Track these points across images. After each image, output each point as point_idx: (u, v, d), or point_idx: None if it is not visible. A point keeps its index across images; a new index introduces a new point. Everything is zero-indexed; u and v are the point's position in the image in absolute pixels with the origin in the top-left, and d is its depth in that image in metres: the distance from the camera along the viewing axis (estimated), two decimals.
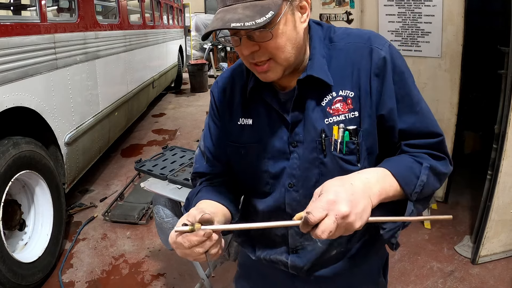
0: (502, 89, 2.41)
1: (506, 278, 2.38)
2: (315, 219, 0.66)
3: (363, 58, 0.85)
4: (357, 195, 0.70)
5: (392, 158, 0.86)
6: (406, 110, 0.86)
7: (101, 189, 3.83)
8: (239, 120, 0.95)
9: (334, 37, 0.89)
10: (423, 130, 0.87)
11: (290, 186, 0.91)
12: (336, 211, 0.66)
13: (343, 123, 0.85)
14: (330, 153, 0.86)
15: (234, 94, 0.97)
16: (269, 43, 0.78)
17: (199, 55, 12.59)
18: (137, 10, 5.82)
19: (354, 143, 0.85)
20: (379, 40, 0.87)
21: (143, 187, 1.84)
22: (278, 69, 0.82)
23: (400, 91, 0.85)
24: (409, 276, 2.43)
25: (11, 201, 2.40)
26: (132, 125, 5.53)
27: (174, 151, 2.24)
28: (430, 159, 0.86)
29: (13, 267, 2.16)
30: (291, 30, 0.80)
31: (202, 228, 0.72)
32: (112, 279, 2.55)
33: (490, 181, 2.47)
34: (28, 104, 2.45)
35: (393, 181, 0.79)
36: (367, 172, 0.79)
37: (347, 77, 0.86)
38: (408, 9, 3.03)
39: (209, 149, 1.02)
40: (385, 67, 0.84)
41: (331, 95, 0.86)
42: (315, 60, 0.86)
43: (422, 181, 0.81)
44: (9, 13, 3.71)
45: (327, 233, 0.66)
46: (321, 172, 0.88)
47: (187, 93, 8.93)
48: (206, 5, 16.35)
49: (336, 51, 0.88)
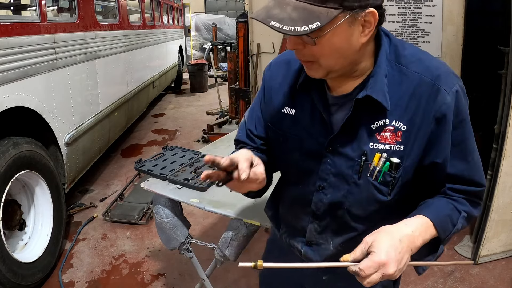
0: (502, 89, 2.41)
1: (506, 278, 2.38)
2: (365, 276, 0.74)
3: (427, 97, 0.81)
4: (403, 253, 0.76)
5: (434, 203, 0.88)
6: (459, 156, 0.86)
7: (101, 189, 3.83)
8: (283, 108, 0.96)
9: (402, 59, 0.84)
10: (470, 179, 0.88)
11: (320, 188, 0.94)
12: (384, 271, 0.74)
13: (387, 153, 0.84)
14: (365, 177, 0.87)
15: (285, 80, 0.96)
16: (313, 48, 0.76)
17: (199, 55, 12.60)
18: (137, 10, 5.82)
19: (391, 176, 0.86)
20: (449, 81, 0.82)
21: (143, 187, 1.84)
22: (320, 71, 0.81)
23: (457, 137, 0.85)
24: (409, 276, 2.43)
25: (11, 201, 2.40)
26: (132, 125, 5.53)
27: (174, 151, 2.23)
28: (468, 205, 0.89)
29: (13, 267, 2.16)
30: (342, 42, 0.76)
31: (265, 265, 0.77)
32: (112, 279, 2.55)
33: (490, 181, 2.47)
34: (28, 104, 2.45)
35: (433, 231, 0.84)
36: (413, 224, 0.82)
37: (405, 108, 0.83)
38: (408, 9, 3.04)
39: (250, 128, 1.05)
40: (448, 112, 0.82)
41: (383, 121, 0.84)
42: (377, 80, 0.82)
43: (457, 228, 0.87)
44: (9, 13, 3.71)
45: (371, 284, 0.75)
46: (351, 190, 0.90)
47: (187, 93, 8.93)
48: (206, 5, 16.36)
49: (400, 75, 0.83)
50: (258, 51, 4.40)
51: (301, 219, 1.01)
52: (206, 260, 2.06)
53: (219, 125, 5.78)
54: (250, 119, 1.06)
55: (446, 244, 0.92)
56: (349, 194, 0.91)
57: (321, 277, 1.08)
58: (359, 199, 0.90)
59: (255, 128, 1.05)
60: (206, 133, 5.43)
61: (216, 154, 2.37)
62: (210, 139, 5.03)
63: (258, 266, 0.76)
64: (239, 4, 14.03)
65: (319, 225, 0.99)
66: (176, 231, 1.78)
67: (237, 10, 14.44)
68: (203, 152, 2.21)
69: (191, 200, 1.69)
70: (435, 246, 0.88)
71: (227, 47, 11.97)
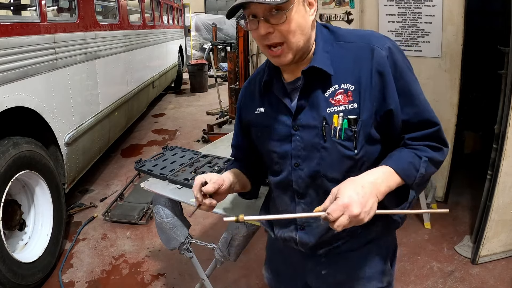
0: (502, 89, 2.41)
1: (506, 278, 2.38)
2: (333, 218, 0.83)
3: (365, 57, 0.95)
4: (366, 197, 0.85)
5: (395, 154, 0.98)
6: (407, 103, 0.96)
7: (101, 189, 3.83)
8: (256, 109, 1.12)
9: (340, 37, 1.01)
10: (421, 120, 0.97)
11: (296, 165, 1.04)
12: (349, 212, 0.83)
13: (343, 113, 0.96)
14: (330, 139, 0.98)
15: (255, 89, 1.14)
16: (283, 26, 0.92)
17: (199, 55, 12.60)
18: (137, 10, 5.82)
19: (352, 130, 0.96)
20: (380, 41, 0.97)
21: (143, 187, 1.84)
22: (289, 54, 0.95)
23: (401, 86, 0.95)
24: (409, 276, 2.43)
25: (11, 201, 2.40)
26: (132, 125, 5.53)
27: (174, 151, 2.23)
28: (429, 150, 0.97)
29: (13, 267, 2.16)
30: (301, 18, 0.94)
31: (245, 218, 0.89)
32: (112, 279, 2.55)
33: (490, 181, 2.47)
34: (28, 104, 2.45)
35: (396, 177, 0.93)
36: (374, 173, 0.92)
37: (349, 72, 0.96)
38: (408, 9, 3.04)
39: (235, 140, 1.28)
40: (386, 65, 0.94)
41: (334, 87, 0.97)
42: (318, 55, 0.99)
43: (421, 173, 0.95)
44: (9, 13, 3.71)
45: (341, 227, 0.83)
46: (322, 156, 1.00)
47: (187, 93, 8.94)
48: (206, 5, 16.35)
49: (339, 49, 0.99)
50: (258, 51, 4.40)
51: (288, 205, 1.10)
52: (206, 260, 2.06)
53: (219, 125, 5.78)
54: (234, 136, 1.28)
55: (419, 191, 1.01)
56: (321, 160, 1.00)
57: (321, 271, 1.13)
58: (331, 162, 1.00)
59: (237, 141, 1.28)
60: (206, 133, 5.43)
61: (216, 154, 2.37)
62: (210, 139, 5.03)
63: (240, 219, 0.88)
64: None
65: (305, 203, 1.07)
66: (176, 231, 1.78)
67: None
68: (203, 152, 2.21)
69: (191, 200, 1.68)
70: (406, 194, 0.97)
71: (227, 47, 11.97)
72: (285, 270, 1.24)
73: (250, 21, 0.95)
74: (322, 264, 1.12)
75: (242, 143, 1.25)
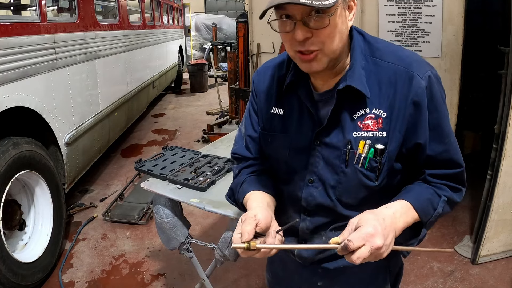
0: (502, 89, 2.41)
1: (506, 278, 2.38)
2: (354, 247, 0.75)
3: (402, 83, 0.87)
4: (387, 230, 0.80)
5: (414, 189, 0.93)
6: (437, 139, 0.90)
7: (101, 189, 3.83)
8: (272, 108, 1.01)
9: (376, 52, 0.91)
10: (447, 159, 0.92)
11: (310, 182, 0.97)
12: (373, 242, 0.76)
13: (370, 140, 0.89)
14: (352, 165, 0.91)
15: (272, 83, 1.02)
16: (323, 31, 0.81)
17: (199, 55, 12.60)
18: (137, 10, 5.82)
19: (377, 162, 0.90)
20: (421, 68, 0.89)
21: (143, 187, 1.84)
22: (323, 60, 0.85)
23: (433, 120, 0.89)
24: (409, 276, 2.43)
25: (11, 201, 2.40)
26: (132, 125, 5.53)
27: (174, 151, 2.23)
28: (448, 190, 0.93)
29: (13, 267, 2.16)
30: (342, 23, 0.84)
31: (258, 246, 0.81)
32: (112, 279, 2.55)
33: (490, 181, 2.47)
34: (28, 104, 2.45)
35: (414, 214, 0.88)
36: (393, 207, 0.87)
37: (383, 96, 0.89)
38: (408, 9, 3.03)
39: (249, 134, 1.08)
40: (424, 96, 0.87)
41: (364, 110, 0.89)
42: (355, 71, 0.88)
43: (438, 212, 0.91)
44: (9, 13, 3.71)
45: (361, 260, 0.76)
46: (340, 180, 0.94)
47: (187, 93, 8.93)
48: (206, 5, 16.36)
49: (374, 66, 0.90)
50: (258, 51, 4.40)
51: (292, 219, 1.02)
52: (206, 260, 2.06)
53: (219, 125, 5.78)
54: (248, 126, 1.09)
55: (428, 229, 0.96)
56: (338, 184, 0.94)
57: (316, 283, 1.09)
58: (348, 187, 0.94)
59: (254, 131, 1.08)
60: (206, 133, 5.43)
61: (216, 154, 2.37)
62: (210, 139, 5.03)
63: (251, 246, 0.80)
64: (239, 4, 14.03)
65: (310, 222, 1.01)
66: (176, 231, 1.78)
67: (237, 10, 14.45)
68: (203, 152, 2.21)
69: (191, 200, 1.68)
70: (418, 231, 0.92)
71: (227, 47, 11.96)
72: (283, 276, 1.22)
73: (283, 23, 0.83)
74: (318, 275, 1.08)
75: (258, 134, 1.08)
